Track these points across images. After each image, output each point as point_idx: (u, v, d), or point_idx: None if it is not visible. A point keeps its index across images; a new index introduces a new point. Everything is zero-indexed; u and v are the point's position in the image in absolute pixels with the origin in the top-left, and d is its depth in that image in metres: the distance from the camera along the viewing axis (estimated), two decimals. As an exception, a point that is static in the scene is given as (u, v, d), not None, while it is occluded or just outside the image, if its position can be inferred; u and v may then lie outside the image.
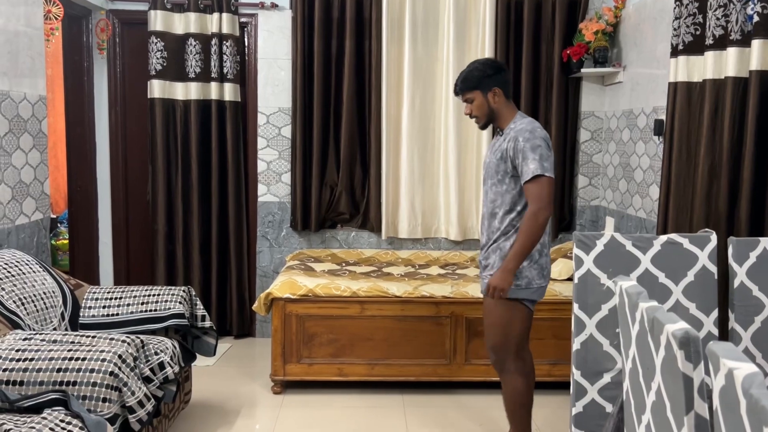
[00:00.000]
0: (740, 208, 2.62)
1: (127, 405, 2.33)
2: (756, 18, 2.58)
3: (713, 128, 2.80)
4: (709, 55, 2.85)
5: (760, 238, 2.05)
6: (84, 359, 2.31)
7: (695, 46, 2.99)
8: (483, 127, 2.84)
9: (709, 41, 2.85)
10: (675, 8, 3.11)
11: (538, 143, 2.57)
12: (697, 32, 2.99)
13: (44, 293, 2.93)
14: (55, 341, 2.45)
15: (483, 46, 4.35)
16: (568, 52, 4.31)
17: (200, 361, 3.81)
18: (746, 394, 0.82)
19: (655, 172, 3.66)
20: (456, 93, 2.78)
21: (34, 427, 2.03)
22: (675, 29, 3.10)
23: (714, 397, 0.94)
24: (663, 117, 3.48)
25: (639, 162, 3.92)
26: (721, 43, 2.79)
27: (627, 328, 1.33)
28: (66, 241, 5.25)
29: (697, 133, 2.94)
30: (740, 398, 0.83)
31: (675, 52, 3.10)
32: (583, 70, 4.30)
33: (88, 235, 4.54)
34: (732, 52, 2.70)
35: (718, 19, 2.80)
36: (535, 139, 2.57)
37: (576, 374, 2.02)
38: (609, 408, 1.90)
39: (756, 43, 2.58)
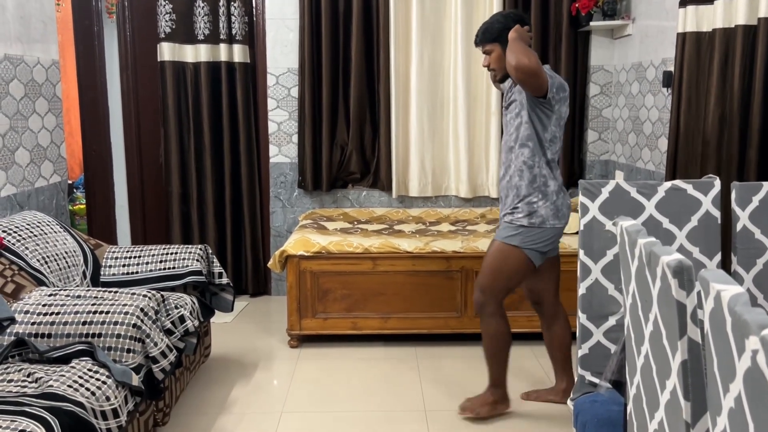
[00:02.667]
0: (749, 155, 2.65)
1: (150, 355, 2.43)
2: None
3: (723, 77, 2.81)
4: (719, 3, 2.84)
5: (763, 183, 2.09)
6: (108, 312, 2.40)
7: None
8: (500, 81, 2.86)
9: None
10: (684, -44, 3.08)
11: (554, 78, 2.60)
12: (707, -20, 2.97)
13: (66, 252, 3.02)
14: (79, 296, 2.54)
15: (491, 1, 4.33)
16: (576, 5, 4.28)
17: (218, 318, 3.92)
18: (731, 311, 0.87)
19: (664, 125, 3.67)
20: (476, 44, 2.79)
21: (63, 375, 2.13)
22: (684, -22, 3.08)
23: (705, 320, 1.00)
24: (671, 69, 3.47)
25: (648, 115, 3.93)
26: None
27: (627, 265, 1.39)
28: (83, 206, 5.35)
29: (707, 83, 2.94)
30: (726, 316, 0.89)
31: (684, 2, 3.09)
32: (592, 24, 4.28)
33: (105, 198, 4.63)
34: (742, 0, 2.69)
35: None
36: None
37: (582, 318, 2.08)
38: (614, 349, 1.97)
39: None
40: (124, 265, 3.23)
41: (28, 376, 2.15)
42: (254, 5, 4.53)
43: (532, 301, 3.07)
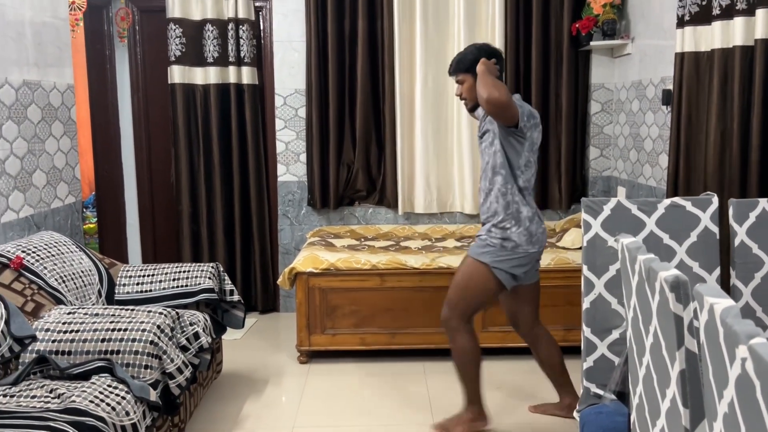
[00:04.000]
0: (750, 172, 2.72)
1: (167, 371, 2.50)
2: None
3: (724, 96, 2.89)
4: (717, 24, 2.93)
5: (759, 199, 2.16)
6: (126, 330, 2.48)
7: (702, 17, 3.07)
8: (471, 110, 2.95)
9: (716, 11, 2.93)
10: (680, -21, 3.18)
11: (524, 107, 2.70)
12: (703, 3, 3.06)
13: (82, 272, 3.10)
14: (96, 314, 2.62)
15: (493, 23, 4.44)
16: (577, 25, 4.39)
17: (228, 335, 3.99)
18: (723, 323, 0.94)
19: (664, 141, 3.75)
20: (450, 73, 2.89)
21: (85, 390, 2.20)
22: (680, 0, 3.18)
23: (700, 332, 1.08)
24: (670, 87, 3.56)
25: (648, 132, 4.01)
26: (728, 13, 2.87)
27: (628, 280, 1.46)
28: (92, 225, 5.44)
29: (708, 101, 3.02)
30: (719, 327, 0.96)
31: (681, 23, 3.18)
32: (592, 43, 4.38)
33: (116, 217, 4.72)
34: (739, 21, 2.78)
35: (725, -11, 2.88)
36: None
37: (586, 331, 2.15)
38: (617, 362, 2.04)
39: (760, 12, 2.65)
40: (138, 284, 3.31)
41: (51, 392, 2.22)
42: (262, 28, 4.64)
43: (511, 323, 3.12)
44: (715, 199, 2.17)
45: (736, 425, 0.93)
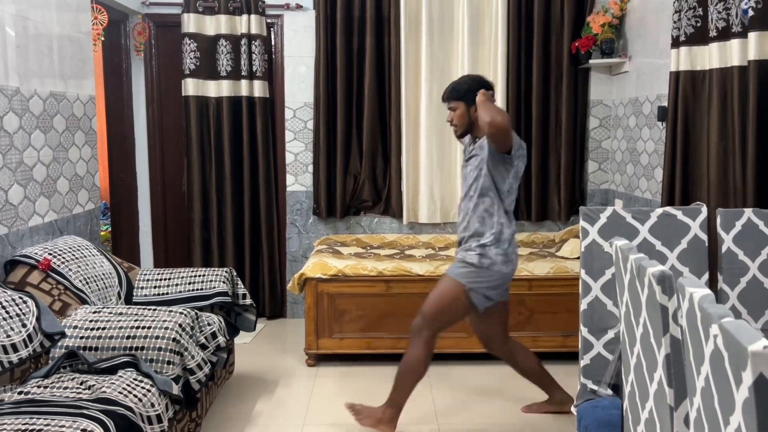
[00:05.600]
0: (747, 185, 2.87)
1: (187, 367, 2.64)
2: (751, 12, 2.82)
3: (724, 113, 3.04)
4: (714, 45, 3.08)
5: (745, 209, 2.33)
6: (149, 327, 2.63)
7: (698, 38, 3.23)
8: (459, 137, 3.10)
9: (712, 33, 3.09)
10: (675, 2, 3.35)
11: (516, 137, 2.88)
12: (699, 24, 3.23)
13: (103, 274, 3.25)
14: (121, 313, 2.77)
15: (496, 40, 4.62)
16: (576, 44, 4.57)
17: (238, 339, 4.12)
18: (700, 308, 1.10)
19: (660, 156, 3.92)
20: (443, 100, 3.05)
21: (113, 383, 2.35)
22: (675, 22, 3.35)
23: (682, 319, 1.23)
24: (665, 104, 3.73)
25: (645, 146, 4.18)
26: (725, 34, 3.03)
27: (621, 278, 1.61)
28: (104, 233, 5.59)
29: (707, 118, 3.16)
30: (697, 312, 1.12)
31: (676, 44, 3.35)
32: (591, 61, 4.56)
33: (130, 224, 4.88)
34: (735, 43, 2.93)
35: (719, 12, 3.04)
36: None
37: (584, 331, 2.30)
38: (612, 358, 2.19)
39: (752, 36, 2.81)
40: (155, 287, 3.46)
41: (81, 384, 2.36)
42: (273, 44, 4.82)
43: (483, 343, 3.26)
44: (704, 209, 2.33)
45: (710, 396, 1.08)
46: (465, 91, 2.93)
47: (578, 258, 4.04)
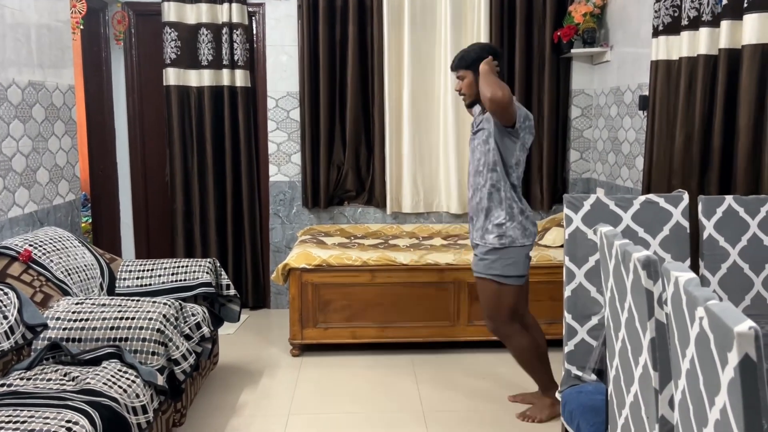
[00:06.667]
0: (711, 172, 2.92)
1: (172, 358, 2.63)
2: (725, 1, 2.86)
3: (688, 101, 3.09)
4: (685, 34, 3.14)
5: (726, 196, 2.36)
6: (133, 318, 2.61)
7: (673, 27, 3.28)
8: (469, 106, 3.10)
9: (684, 22, 3.14)
10: (655, -8, 3.38)
11: (521, 109, 2.86)
12: (675, 14, 3.27)
13: (85, 266, 3.22)
14: (104, 304, 2.74)
15: (479, 30, 4.62)
16: (558, 33, 4.59)
17: (222, 330, 4.10)
18: (686, 291, 1.11)
19: (641, 145, 3.95)
20: (452, 68, 3.04)
21: (98, 374, 2.33)
22: (656, 11, 3.38)
23: (667, 303, 1.25)
24: (647, 93, 3.76)
25: (626, 136, 4.21)
26: (695, 23, 3.08)
27: (606, 264, 1.63)
28: (85, 224, 5.53)
29: (674, 107, 3.23)
30: (682, 296, 1.13)
31: (656, 33, 3.38)
32: (573, 51, 4.58)
33: (111, 215, 4.83)
34: (704, 32, 2.98)
35: (692, 1, 3.08)
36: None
37: (567, 317, 2.32)
38: (596, 344, 2.21)
39: (724, 24, 2.85)
40: (137, 278, 3.43)
41: (65, 375, 2.34)
42: (255, 33, 4.78)
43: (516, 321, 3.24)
44: (686, 196, 2.36)
45: (696, 378, 1.10)
46: (473, 60, 2.91)
47: (561, 246, 4.09)
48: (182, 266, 3.48)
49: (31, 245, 2.98)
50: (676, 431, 1.24)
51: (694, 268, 2.40)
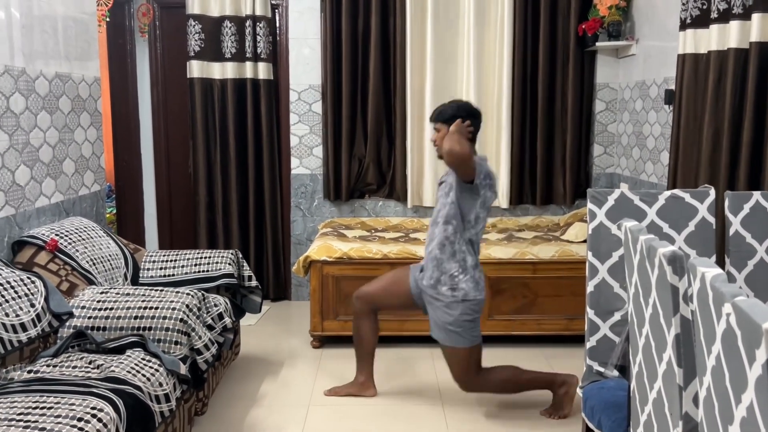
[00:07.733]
0: (740, 169, 2.88)
1: (195, 347, 2.66)
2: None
3: (717, 96, 3.05)
4: (714, 27, 3.09)
5: (753, 192, 2.32)
6: (157, 308, 2.64)
7: (702, 20, 3.22)
8: (440, 157, 3.09)
9: (714, 15, 3.09)
10: (683, -16, 3.33)
11: (482, 166, 2.85)
12: (704, 6, 3.22)
13: (110, 255, 3.27)
14: (128, 294, 2.78)
15: (502, 22, 4.59)
16: (583, 26, 4.54)
17: (243, 321, 4.14)
18: (712, 287, 1.10)
19: (666, 139, 3.90)
20: (430, 120, 3.10)
21: (122, 362, 2.36)
22: (684, 3, 3.32)
23: (693, 299, 1.23)
24: (673, 87, 3.71)
25: (651, 130, 4.16)
26: (725, 16, 3.03)
27: (630, 259, 1.62)
28: (109, 215, 5.60)
29: (702, 101, 3.18)
30: (709, 292, 1.12)
31: (683, 26, 3.33)
32: (598, 44, 4.53)
33: (134, 206, 4.89)
34: (734, 25, 2.93)
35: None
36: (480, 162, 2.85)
37: (590, 313, 2.31)
38: (618, 340, 2.19)
39: (756, 17, 2.81)
40: (161, 268, 3.47)
41: (90, 363, 2.38)
42: (278, 25, 4.79)
43: (374, 309, 3.30)
44: (712, 192, 2.32)
45: (722, 374, 1.09)
46: (450, 116, 2.96)
47: (583, 241, 4.06)
48: (205, 257, 3.51)
49: (57, 235, 3.02)
50: (701, 428, 1.22)
51: (720, 264, 2.37)
